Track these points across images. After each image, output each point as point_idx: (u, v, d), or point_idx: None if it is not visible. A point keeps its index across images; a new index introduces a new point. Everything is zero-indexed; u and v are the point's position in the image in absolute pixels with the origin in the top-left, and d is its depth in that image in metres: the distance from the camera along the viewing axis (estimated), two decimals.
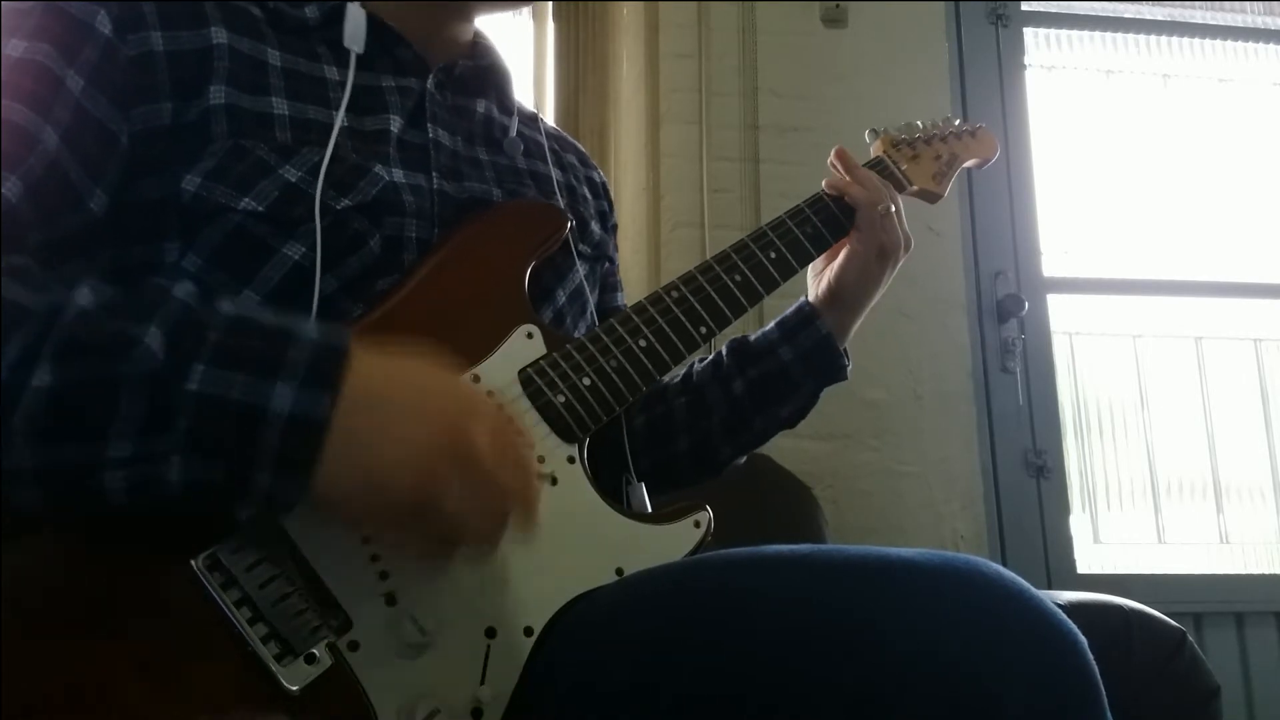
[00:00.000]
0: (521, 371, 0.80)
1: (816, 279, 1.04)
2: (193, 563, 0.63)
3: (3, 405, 0.58)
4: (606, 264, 1.05)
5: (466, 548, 0.69)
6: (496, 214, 0.88)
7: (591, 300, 0.98)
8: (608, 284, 1.07)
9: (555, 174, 1.00)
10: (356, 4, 0.86)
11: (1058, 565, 2.35)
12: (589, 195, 1.05)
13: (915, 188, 1.11)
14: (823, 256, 1.02)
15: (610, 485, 0.82)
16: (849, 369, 1.05)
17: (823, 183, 1.02)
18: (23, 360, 0.58)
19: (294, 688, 0.62)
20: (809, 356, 1.01)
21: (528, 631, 0.71)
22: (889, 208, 1.01)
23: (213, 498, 0.61)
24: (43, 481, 0.59)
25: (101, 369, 0.59)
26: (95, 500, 0.60)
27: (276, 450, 0.59)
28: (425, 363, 0.67)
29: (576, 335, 0.91)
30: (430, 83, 0.89)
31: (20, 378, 0.58)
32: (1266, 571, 2.49)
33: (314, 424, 0.60)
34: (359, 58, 0.86)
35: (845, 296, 1.02)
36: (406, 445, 0.62)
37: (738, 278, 0.92)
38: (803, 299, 1.04)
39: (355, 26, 0.85)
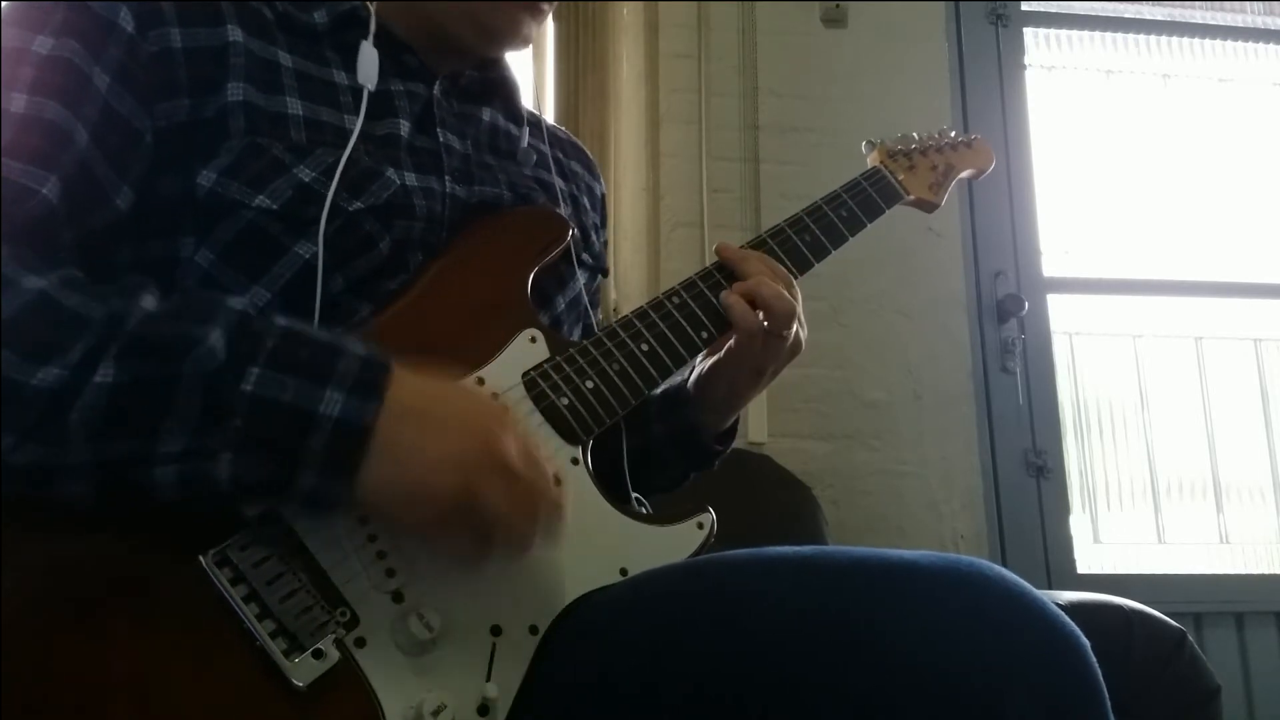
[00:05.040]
0: (525, 375, 0.81)
1: (700, 363, 0.98)
2: (201, 559, 0.64)
3: (64, 403, 0.60)
4: (600, 276, 1.06)
5: (504, 551, 0.70)
6: (501, 220, 0.89)
7: (586, 309, 0.99)
8: (593, 298, 1.07)
9: (559, 184, 1.00)
10: (369, 43, 0.86)
11: (1058, 565, 2.35)
12: (589, 206, 1.05)
13: (912, 197, 1.12)
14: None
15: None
16: (721, 457, 1.01)
17: (721, 295, 0.90)
18: (85, 362, 0.61)
19: (301, 683, 0.62)
20: (679, 441, 0.98)
21: (533, 630, 0.72)
22: (764, 329, 0.90)
23: (259, 495, 0.65)
24: (95, 475, 0.61)
25: (164, 367, 0.61)
26: (144, 494, 0.62)
27: (323, 452, 0.62)
28: (454, 381, 0.72)
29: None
30: (436, 89, 0.90)
31: (82, 377, 0.60)
32: (1266, 571, 2.49)
33: (360, 429, 0.63)
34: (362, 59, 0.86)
35: (714, 404, 0.98)
36: (446, 451, 0.66)
37: (736, 282, 0.92)
38: (684, 380, 0.99)
39: (369, 64, 0.86)
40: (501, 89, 0.98)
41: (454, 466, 0.65)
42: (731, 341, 0.93)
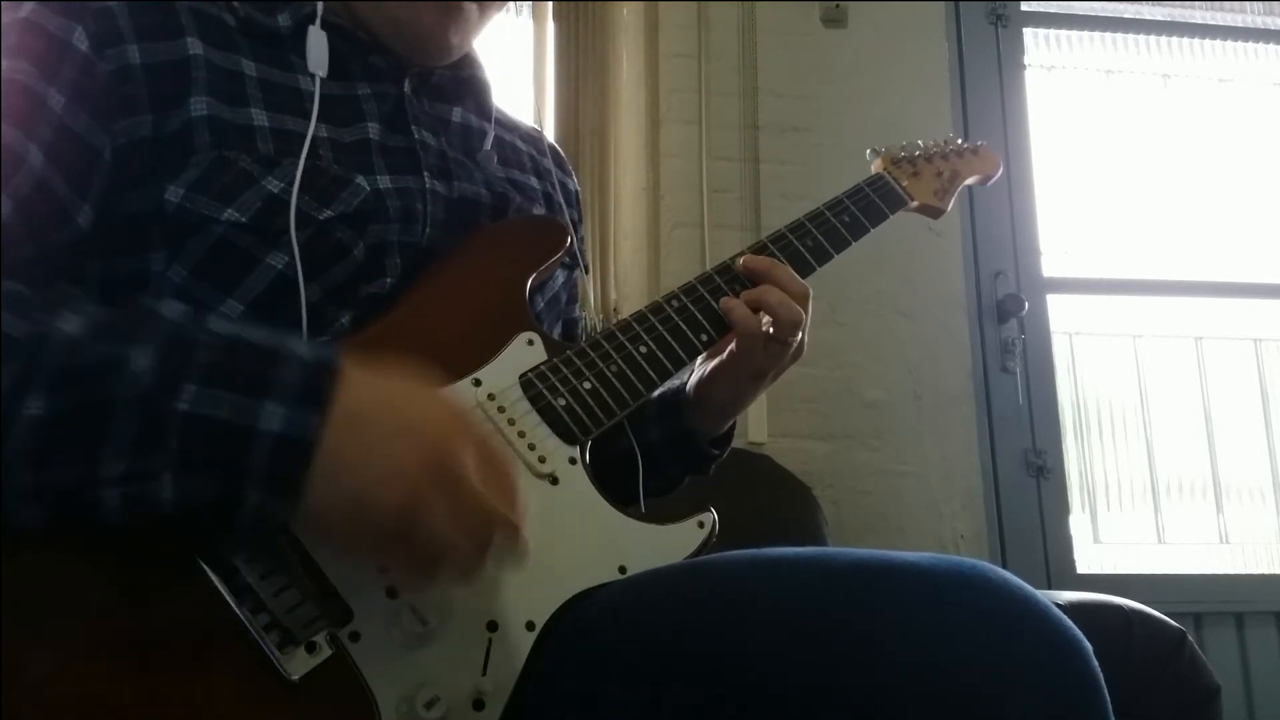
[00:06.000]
0: (523, 375, 0.81)
1: (700, 366, 0.98)
2: (195, 554, 0.63)
3: None
4: (577, 272, 1.05)
5: (448, 577, 0.66)
6: (502, 227, 0.90)
7: (562, 306, 0.99)
8: (572, 294, 1.07)
9: (533, 182, 1.01)
10: (317, 27, 0.85)
11: (1058, 565, 2.35)
12: (563, 203, 1.05)
13: (916, 203, 1.11)
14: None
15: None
16: (716, 461, 1.02)
17: (720, 301, 0.91)
18: (13, 392, 0.58)
19: (294, 676, 0.62)
20: (674, 444, 0.99)
21: (529, 626, 0.72)
22: (766, 333, 0.91)
23: (206, 516, 0.61)
24: (41, 500, 0.60)
25: (93, 394, 0.59)
26: (92, 516, 0.60)
27: (266, 469, 0.59)
28: (416, 380, 0.66)
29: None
30: (407, 87, 0.90)
31: (11, 408, 0.58)
32: (1266, 571, 2.49)
33: (303, 444, 0.60)
34: (332, 68, 0.86)
35: (712, 408, 0.98)
36: (392, 464, 0.61)
37: (738, 287, 0.93)
38: (682, 383, 1.00)
39: (319, 51, 0.85)
40: (472, 87, 0.98)
41: (398, 481, 0.61)
42: (733, 345, 0.93)
